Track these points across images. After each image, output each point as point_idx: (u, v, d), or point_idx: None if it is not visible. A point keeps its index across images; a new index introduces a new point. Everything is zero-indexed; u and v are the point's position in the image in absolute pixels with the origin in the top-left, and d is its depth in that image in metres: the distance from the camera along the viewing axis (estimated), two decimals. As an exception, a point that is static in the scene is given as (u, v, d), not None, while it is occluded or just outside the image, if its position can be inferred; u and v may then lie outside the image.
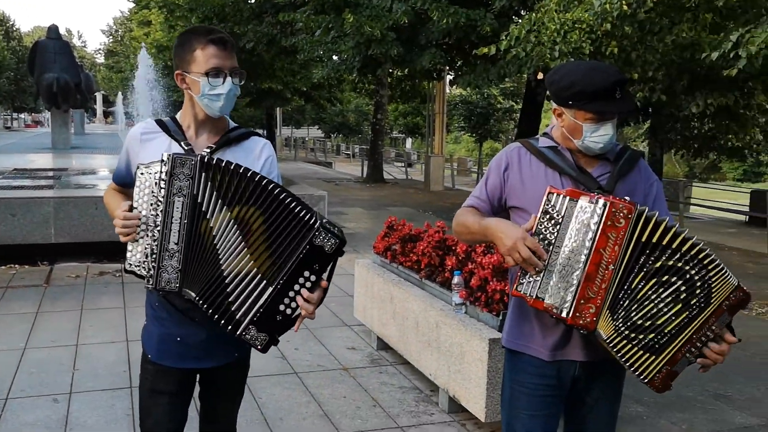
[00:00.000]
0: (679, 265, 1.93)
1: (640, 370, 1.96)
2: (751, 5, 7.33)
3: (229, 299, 1.97)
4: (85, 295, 6.49)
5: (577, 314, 1.92)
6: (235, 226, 1.95)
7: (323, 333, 5.56)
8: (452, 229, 2.33)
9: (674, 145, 16.72)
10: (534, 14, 7.76)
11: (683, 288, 1.93)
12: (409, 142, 49.27)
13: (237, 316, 1.98)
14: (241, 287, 1.97)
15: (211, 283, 1.98)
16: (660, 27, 7.84)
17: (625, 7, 6.74)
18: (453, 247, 4.55)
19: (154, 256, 1.99)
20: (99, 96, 61.66)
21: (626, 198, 1.95)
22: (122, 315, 5.85)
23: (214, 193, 1.96)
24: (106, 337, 5.24)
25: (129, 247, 2.03)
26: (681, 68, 9.41)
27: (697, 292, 1.94)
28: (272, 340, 2.02)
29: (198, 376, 2.30)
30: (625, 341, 1.94)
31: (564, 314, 1.94)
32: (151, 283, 2.01)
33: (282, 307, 1.99)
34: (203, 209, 1.97)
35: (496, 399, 3.67)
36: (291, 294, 1.98)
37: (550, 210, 1.97)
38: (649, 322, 1.94)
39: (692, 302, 1.94)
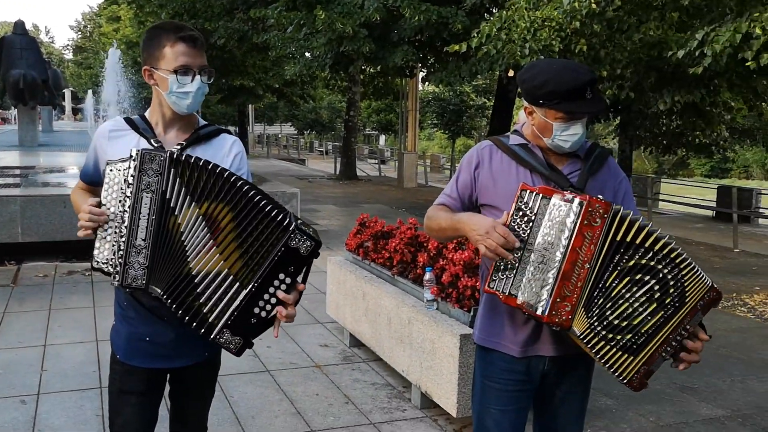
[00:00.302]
0: (652, 263, 1.95)
1: (620, 371, 1.97)
2: (716, 4, 7.47)
3: (200, 300, 1.95)
4: (53, 294, 6.41)
5: (554, 312, 1.92)
6: (204, 222, 1.93)
7: (296, 330, 5.55)
8: (424, 226, 2.34)
9: (643, 141, 16.98)
10: (505, 12, 7.81)
11: (657, 287, 1.95)
12: (382, 139, 49.28)
13: (210, 319, 1.95)
14: (212, 288, 1.94)
15: (179, 280, 1.95)
16: (628, 25, 7.95)
17: (593, 6, 6.82)
18: (425, 244, 4.57)
19: (121, 252, 1.96)
20: (67, 93, 60.70)
21: (600, 197, 1.96)
22: (92, 314, 5.78)
23: (183, 188, 1.94)
24: (75, 337, 5.18)
25: (96, 244, 2.01)
26: (648, 66, 9.53)
27: (671, 291, 1.96)
28: (247, 344, 1.99)
29: (168, 375, 2.28)
30: (603, 342, 1.95)
31: (539, 312, 1.94)
32: (117, 279, 1.98)
33: (257, 310, 1.95)
34: (171, 205, 1.95)
35: (468, 394, 3.70)
36: (266, 297, 1.94)
37: (523, 207, 1.98)
38: (625, 322, 1.95)
39: (667, 302, 1.96)
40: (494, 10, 11.85)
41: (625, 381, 2.00)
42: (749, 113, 14.46)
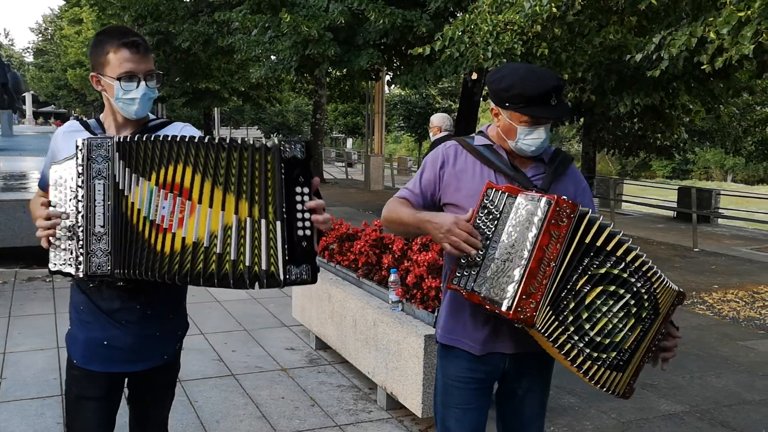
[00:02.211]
0: (625, 276, 1.97)
1: (609, 386, 2.01)
2: (673, 9, 7.63)
3: (230, 257, 1.83)
4: (12, 301, 6.29)
5: (519, 308, 1.92)
6: (162, 191, 1.88)
7: (261, 334, 5.53)
8: (382, 217, 2.34)
9: (606, 144, 17.25)
10: (468, 15, 7.88)
11: (632, 302, 1.98)
12: (349, 142, 49.30)
13: (263, 267, 1.82)
14: (235, 241, 1.82)
15: (167, 256, 1.89)
16: (588, 29, 8.07)
17: (554, 10, 6.91)
18: (390, 246, 4.59)
19: (81, 242, 1.94)
20: (28, 96, 59.52)
21: (568, 198, 1.99)
22: (53, 321, 5.69)
23: (127, 168, 1.93)
24: (36, 344, 5.09)
25: (51, 249, 1.99)
26: (609, 69, 9.71)
27: (646, 305, 2.00)
28: (315, 267, 1.87)
29: (126, 379, 2.26)
30: (590, 361, 1.97)
31: (504, 308, 1.94)
32: (81, 270, 1.94)
33: (300, 233, 1.83)
34: (120, 188, 1.93)
35: (432, 395, 3.73)
36: (298, 216, 1.83)
37: (488, 205, 2.01)
38: (608, 340, 1.97)
39: (644, 316, 2.00)
40: (458, 14, 11.94)
41: (618, 395, 2.04)
42: (707, 115, 14.78)
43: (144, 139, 1.92)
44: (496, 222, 1.99)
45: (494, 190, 2.02)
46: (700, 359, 5.44)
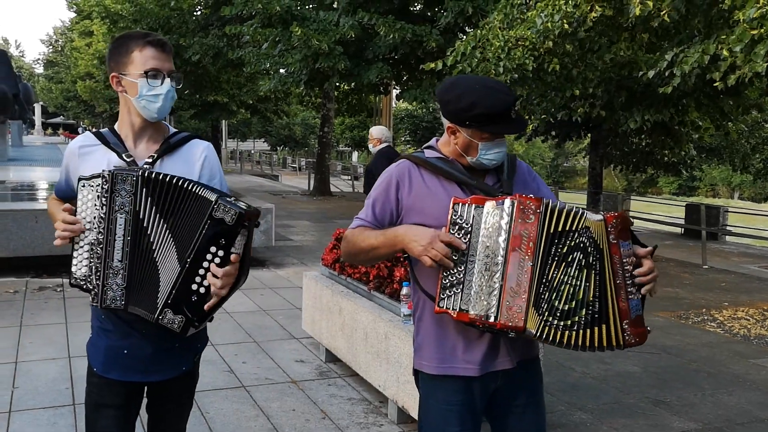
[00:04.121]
0: (577, 239, 1.95)
1: (606, 343, 1.95)
2: (685, 26, 7.66)
3: (157, 295, 1.99)
4: (24, 310, 6.30)
5: (506, 316, 1.90)
6: (170, 234, 1.97)
7: (271, 346, 5.53)
8: (343, 252, 2.23)
9: (613, 159, 17.22)
10: (479, 31, 7.93)
11: (581, 255, 1.94)
12: (355, 155, 49.36)
13: (156, 304, 1.98)
14: (162, 280, 1.99)
15: (156, 293, 1.98)
16: (599, 45, 8.11)
17: (565, 26, 6.95)
18: (401, 259, 4.60)
19: (98, 273, 1.98)
20: (38, 107, 59.93)
21: (530, 194, 1.97)
22: (63, 331, 5.70)
23: (154, 207, 1.97)
24: (47, 354, 5.10)
25: (74, 261, 2.01)
26: (619, 85, 9.73)
27: (590, 250, 1.95)
28: (188, 322, 1.98)
29: (145, 388, 2.27)
30: (566, 331, 1.93)
31: (492, 320, 1.91)
32: (96, 300, 1.99)
33: (194, 287, 1.96)
34: (144, 225, 1.97)
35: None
36: (201, 272, 1.95)
37: (458, 220, 1.96)
38: (573, 302, 1.93)
39: (591, 261, 1.95)
40: (467, 29, 12.01)
41: (622, 347, 1.97)
42: (716, 132, 14.76)
43: (175, 182, 1.97)
44: (468, 236, 1.95)
45: (460, 204, 1.97)
46: (712, 377, 5.41)
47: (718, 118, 12.35)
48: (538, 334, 1.92)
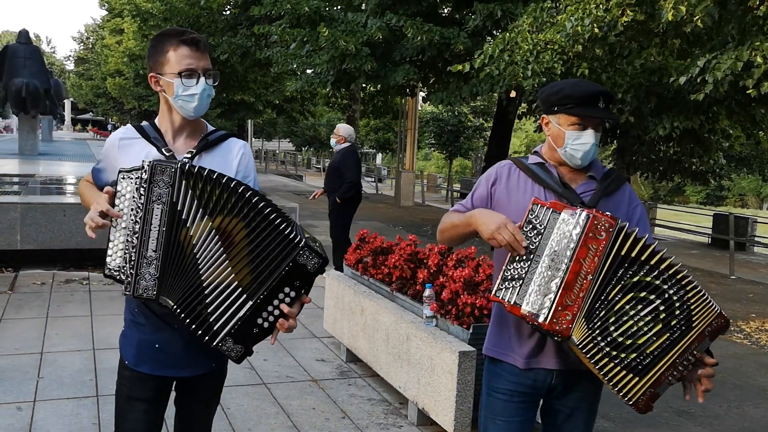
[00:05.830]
0: (657, 282, 1.98)
1: (624, 390, 1.99)
2: (717, 33, 7.55)
3: (208, 309, 1.96)
4: (50, 302, 6.39)
5: (554, 320, 1.95)
6: (217, 236, 1.95)
7: (292, 344, 5.54)
8: (437, 231, 2.40)
9: (640, 167, 17.02)
10: (508, 34, 7.88)
11: (662, 307, 1.97)
12: (379, 157, 49.37)
13: (215, 327, 1.97)
14: (221, 299, 1.96)
15: (190, 292, 1.96)
16: (629, 50, 8.02)
17: (596, 30, 6.89)
18: (424, 261, 4.58)
19: (132, 262, 1.97)
20: (68, 103, 60.77)
21: (608, 213, 2.01)
22: (89, 323, 5.77)
23: (195, 201, 1.96)
24: (72, 345, 5.16)
25: (109, 252, 2.02)
26: (649, 91, 9.58)
27: (677, 313, 1.98)
28: (247, 352, 2.02)
29: (174, 382, 2.28)
30: (607, 359, 1.97)
31: (541, 319, 1.97)
32: (128, 289, 1.99)
33: (260, 321, 1.99)
34: (183, 217, 1.96)
35: (465, 411, 3.70)
36: (270, 308, 1.98)
37: (533, 220, 2.05)
38: (630, 341, 1.97)
39: (673, 324, 1.98)
40: (496, 33, 11.95)
41: (630, 402, 2.00)
42: (746, 141, 14.52)
43: (216, 177, 1.96)
44: (540, 236, 2.03)
45: (539, 205, 2.06)
46: (738, 388, 5.32)
47: (749, 126, 12.13)
48: (580, 345, 1.97)
